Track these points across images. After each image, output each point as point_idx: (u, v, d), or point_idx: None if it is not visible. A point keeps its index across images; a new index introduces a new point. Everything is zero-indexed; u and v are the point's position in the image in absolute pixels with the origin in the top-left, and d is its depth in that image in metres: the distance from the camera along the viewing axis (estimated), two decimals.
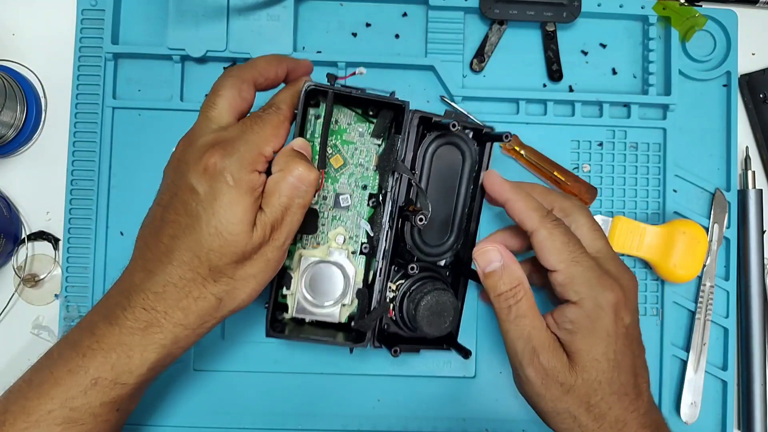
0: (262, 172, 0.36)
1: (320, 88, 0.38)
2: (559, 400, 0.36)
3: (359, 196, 0.42)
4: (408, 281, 0.41)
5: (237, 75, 0.38)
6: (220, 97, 0.37)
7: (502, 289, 0.37)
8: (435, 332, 0.39)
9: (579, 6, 0.49)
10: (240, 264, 0.35)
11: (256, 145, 0.35)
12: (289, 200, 0.35)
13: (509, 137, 0.41)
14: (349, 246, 0.42)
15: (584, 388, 0.36)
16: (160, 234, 0.36)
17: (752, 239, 0.49)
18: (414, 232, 0.42)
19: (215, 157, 0.34)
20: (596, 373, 0.36)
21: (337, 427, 0.48)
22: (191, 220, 0.35)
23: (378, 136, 0.42)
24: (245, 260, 0.35)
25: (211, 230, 0.34)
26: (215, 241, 0.34)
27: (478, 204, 0.43)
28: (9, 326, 0.49)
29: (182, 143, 0.37)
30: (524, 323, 0.37)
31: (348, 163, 0.42)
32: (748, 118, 0.52)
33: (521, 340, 0.37)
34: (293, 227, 0.36)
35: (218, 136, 0.36)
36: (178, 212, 0.35)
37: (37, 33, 0.50)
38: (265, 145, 0.36)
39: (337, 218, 0.42)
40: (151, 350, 0.35)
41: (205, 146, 0.35)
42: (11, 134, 0.48)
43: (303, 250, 0.41)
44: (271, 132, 0.36)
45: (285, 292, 0.41)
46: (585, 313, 0.36)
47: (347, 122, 0.42)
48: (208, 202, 0.34)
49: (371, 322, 0.40)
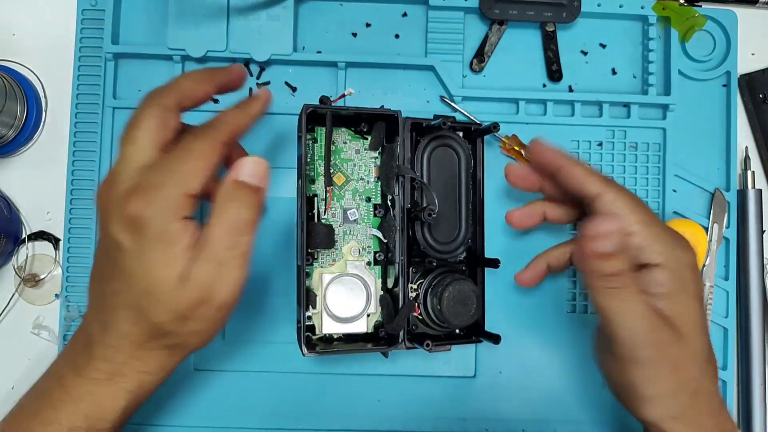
0: (190, 217, 0.33)
1: (319, 110, 0.40)
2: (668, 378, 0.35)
3: (365, 208, 0.44)
4: (428, 278, 0.42)
5: (158, 102, 0.34)
6: (141, 130, 0.34)
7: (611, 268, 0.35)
8: (462, 321, 0.40)
9: (579, 6, 0.49)
10: (182, 321, 0.33)
11: (182, 185, 0.32)
12: (225, 254, 0.32)
13: (497, 127, 0.43)
14: (364, 257, 0.44)
15: (693, 356, 0.35)
16: (104, 287, 0.35)
17: (752, 239, 0.50)
18: (425, 233, 0.43)
19: (137, 206, 0.32)
20: (698, 339, 0.35)
21: (337, 427, 0.48)
22: (124, 277, 0.33)
23: (375, 149, 0.44)
24: (186, 318, 0.33)
25: (141, 289, 0.32)
26: (150, 300, 0.32)
27: (480, 198, 0.45)
28: (9, 326, 0.49)
29: (103, 187, 0.34)
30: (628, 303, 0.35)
31: (350, 179, 0.44)
32: (748, 118, 0.52)
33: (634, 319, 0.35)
34: (235, 283, 0.33)
35: (139, 180, 0.32)
36: (112, 268, 0.33)
37: (37, 33, 0.50)
38: (191, 182, 0.32)
39: (348, 233, 0.44)
40: (120, 397, 0.35)
41: (125, 193, 0.32)
42: (11, 134, 0.48)
43: (321, 268, 0.43)
44: (198, 166, 0.33)
45: (310, 312, 0.42)
46: (674, 275, 0.35)
47: (343, 141, 0.44)
48: (136, 258, 0.32)
49: (401, 321, 0.41)
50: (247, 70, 0.47)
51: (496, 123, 0.43)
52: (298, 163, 0.42)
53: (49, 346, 0.48)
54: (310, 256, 0.42)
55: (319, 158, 0.44)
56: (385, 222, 0.44)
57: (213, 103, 0.48)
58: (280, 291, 0.47)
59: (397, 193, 0.42)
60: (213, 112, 0.48)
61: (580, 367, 0.49)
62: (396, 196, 0.42)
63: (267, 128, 0.48)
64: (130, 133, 0.34)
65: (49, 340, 0.48)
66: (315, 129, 0.44)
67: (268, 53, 0.48)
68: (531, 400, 0.49)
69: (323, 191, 0.43)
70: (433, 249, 0.43)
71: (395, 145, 0.42)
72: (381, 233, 0.43)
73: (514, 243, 0.49)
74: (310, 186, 0.43)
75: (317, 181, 0.43)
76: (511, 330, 0.48)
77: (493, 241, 0.48)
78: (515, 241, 0.49)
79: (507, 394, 0.49)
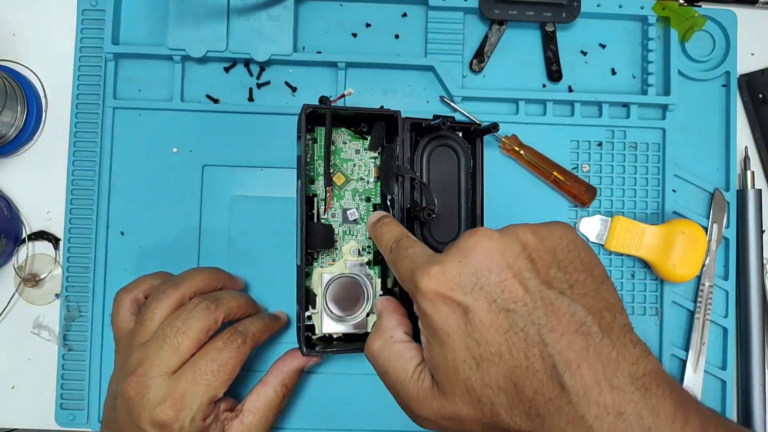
0: (212, 414, 0.38)
1: (319, 110, 0.40)
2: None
3: (365, 208, 0.44)
4: None
5: (207, 314, 0.39)
6: (189, 339, 0.38)
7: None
8: None
9: (578, 6, 0.49)
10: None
11: (209, 395, 0.37)
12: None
13: (497, 128, 0.43)
14: (364, 257, 0.44)
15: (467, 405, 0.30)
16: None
17: (751, 239, 0.50)
18: (425, 233, 0.43)
19: (168, 415, 0.36)
20: (461, 375, 0.30)
21: (337, 427, 0.48)
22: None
23: (375, 149, 0.44)
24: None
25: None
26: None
27: (479, 198, 0.45)
28: (9, 326, 0.49)
29: (133, 386, 0.37)
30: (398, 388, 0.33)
31: (350, 179, 0.44)
32: (747, 118, 0.52)
33: (405, 409, 0.34)
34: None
35: (169, 390, 0.37)
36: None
37: (37, 33, 0.50)
38: (218, 392, 0.37)
39: (348, 233, 0.44)
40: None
41: (157, 402, 0.36)
42: (12, 134, 0.48)
43: (321, 268, 0.43)
44: (224, 379, 0.38)
45: (310, 312, 0.42)
46: (427, 319, 0.31)
47: (342, 141, 0.44)
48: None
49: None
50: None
51: (496, 123, 0.43)
52: (298, 164, 0.42)
53: (49, 346, 0.48)
54: (310, 256, 0.42)
55: (319, 158, 0.44)
56: None
57: (213, 103, 0.49)
58: (279, 291, 0.47)
59: (396, 193, 0.42)
60: (213, 112, 0.48)
61: None
62: (396, 196, 0.42)
63: (267, 128, 0.48)
64: (177, 339, 0.38)
65: (49, 340, 0.48)
66: (315, 129, 0.44)
67: (268, 53, 0.48)
68: None
69: (323, 191, 0.43)
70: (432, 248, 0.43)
71: (395, 145, 0.42)
72: None
73: None
74: (310, 186, 0.43)
75: (317, 181, 0.44)
76: None
77: None
78: None
79: None
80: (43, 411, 0.47)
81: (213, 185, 0.48)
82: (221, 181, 0.48)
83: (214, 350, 0.38)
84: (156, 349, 0.37)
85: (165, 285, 0.40)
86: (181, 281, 0.40)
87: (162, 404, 0.36)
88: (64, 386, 0.47)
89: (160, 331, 0.38)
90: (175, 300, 0.39)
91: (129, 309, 0.41)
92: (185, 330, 0.38)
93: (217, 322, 0.39)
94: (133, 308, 0.42)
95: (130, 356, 0.39)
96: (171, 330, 0.38)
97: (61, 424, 0.47)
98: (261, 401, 0.40)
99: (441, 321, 0.30)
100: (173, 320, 0.38)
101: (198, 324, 0.38)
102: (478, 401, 0.29)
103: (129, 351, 0.39)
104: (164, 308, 0.39)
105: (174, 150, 0.48)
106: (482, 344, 0.29)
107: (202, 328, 0.38)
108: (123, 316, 0.41)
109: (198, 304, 0.39)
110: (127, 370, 0.38)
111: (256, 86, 0.49)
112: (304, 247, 0.41)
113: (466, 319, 0.29)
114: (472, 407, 0.30)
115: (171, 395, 0.36)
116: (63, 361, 0.47)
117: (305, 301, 0.41)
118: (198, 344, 0.38)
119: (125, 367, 0.39)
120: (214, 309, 0.39)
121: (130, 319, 0.41)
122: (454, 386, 0.30)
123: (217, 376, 0.37)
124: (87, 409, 0.47)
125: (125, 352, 0.40)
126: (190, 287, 0.40)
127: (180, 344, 0.37)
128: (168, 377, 0.37)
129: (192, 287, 0.40)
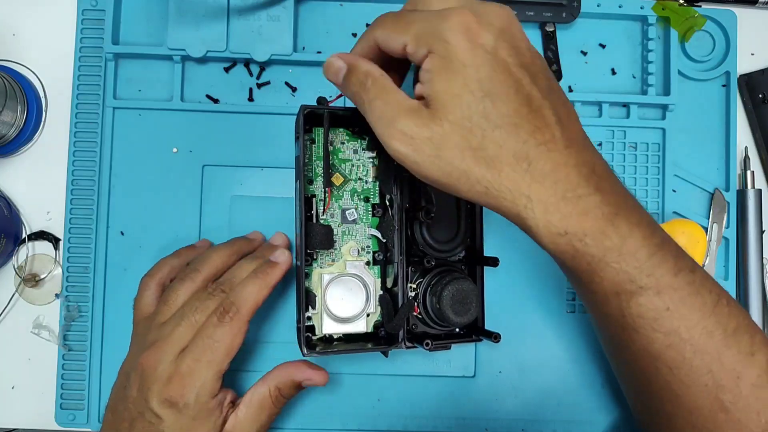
0: (221, 389, 0.39)
1: (317, 111, 0.40)
2: (437, 157, 0.32)
3: (363, 208, 0.44)
4: (427, 277, 0.42)
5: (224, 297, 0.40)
6: (205, 316, 0.39)
7: (354, 88, 0.34)
8: (462, 320, 0.40)
9: (578, 6, 0.49)
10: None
11: (214, 369, 0.38)
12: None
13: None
14: (363, 257, 0.44)
15: (456, 131, 0.31)
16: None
17: (751, 239, 0.50)
18: (424, 232, 0.43)
19: (176, 391, 0.37)
20: (461, 108, 0.31)
21: (337, 426, 0.48)
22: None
23: (374, 149, 0.44)
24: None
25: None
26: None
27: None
28: (9, 326, 0.49)
29: (150, 358, 0.38)
30: (377, 104, 0.33)
31: (348, 179, 0.44)
32: (747, 118, 0.52)
33: (380, 120, 0.33)
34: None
35: (176, 367, 0.38)
36: (149, 428, 0.38)
37: (37, 33, 0.50)
38: (222, 365, 0.38)
39: (347, 233, 0.44)
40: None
41: (166, 378, 0.38)
42: (12, 134, 0.48)
43: (320, 269, 0.43)
44: (226, 352, 0.38)
45: (310, 312, 0.42)
46: (438, 56, 0.31)
47: (341, 141, 0.44)
48: (173, 429, 0.38)
49: (401, 321, 0.41)
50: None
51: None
52: (297, 164, 0.42)
53: (49, 346, 0.48)
54: (309, 256, 0.42)
55: (318, 158, 0.44)
56: (383, 222, 0.44)
57: (213, 103, 0.49)
58: (279, 291, 0.47)
59: (395, 192, 0.42)
60: (213, 112, 0.48)
61: (579, 367, 0.49)
62: (394, 196, 0.42)
63: (267, 128, 0.49)
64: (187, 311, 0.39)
65: (49, 340, 0.48)
66: (312, 130, 0.44)
67: (268, 53, 0.48)
68: (530, 400, 0.49)
69: (321, 191, 0.43)
70: (432, 248, 0.43)
71: None
72: (380, 233, 0.43)
73: (514, 242, 0.49)
74: (309, 186, 0.43)
75: (315, 181, 0.43)
76: (510, 330, 0.48)
77: (493, 240, 0.48)
78: (515, 240, 0.49)
79: (506, 393, 0.49)
80: (43, 411, 0.47)
81: (213, 185, 0.48)
82: (221, 181, 0.48)
83: (210, 326, 0.38)
84: (174, 326, 0.39)
85: (188, 270, 0.42)
86: (201, 265, 0.42)
87: (170, 382, 0.37)
88: (64, 386, 0.47)
89: (180, 311, 0.40)
90: (198, 283, 0.41)
91: (154, 293, 0.43)
92: (203, 309, 0.39)
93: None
94: (157, 292, 0.43)
95: (148, 334, 0.40)
96: (190, 309, 0.39)
97: (61, 424, 0.47)
98: (255, 398, 0.41)
99: (462, 51, 0.31)
100: (193, 300, 0.40)
101: (214, 304, 0.39)
102: (470, 131, 0.31)
103: (148, 330, 0.40)
104: (187, 290, 0.41)
105: (174, 150, 0.48)
106: (495, 82, 0.31)
107: (217, 308, 0.39)
108: (146, 300, 0.43)
109: (215, 288, 0.40)
110: (143, 346, 0.39)
111: (256, 86, 0.49)
112: (303, 247, 0.41)
113: (487, 58, 0.31)
114: (460, 134, 0.31)
115: (177, 371, 0.38)
116: (63, 361, 0.47)
117: (305, 301, 0.41)
118: None
119: (143, 344, 0.40)
120: (226, 292, 0.40)
121: (153, 302, 0.43)
122: (449, 111, 0.31)
123: (216, 352, 0.38)
124: (87, 409, 0.47)
125: (143, 333, 0.41)
126: (210, 269, 0.42)
127: (197, 321, 0.39)
128: (179, 353, 0.38)
129: (213, 269, 0.42)
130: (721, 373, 0.34)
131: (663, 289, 0.34)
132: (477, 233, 0.45)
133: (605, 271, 0.33)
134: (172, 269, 0.44)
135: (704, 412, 0.35)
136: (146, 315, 0.42)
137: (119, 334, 0.47)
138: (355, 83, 0.34)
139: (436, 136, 0.31)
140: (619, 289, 0.34)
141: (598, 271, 0.34)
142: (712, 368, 0.34)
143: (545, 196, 0.32)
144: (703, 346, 0.34)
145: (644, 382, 0.38)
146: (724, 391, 0.35)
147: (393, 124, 0.32)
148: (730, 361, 0.34)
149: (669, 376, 0.35)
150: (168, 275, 0.44)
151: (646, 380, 0.37)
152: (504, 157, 0.31)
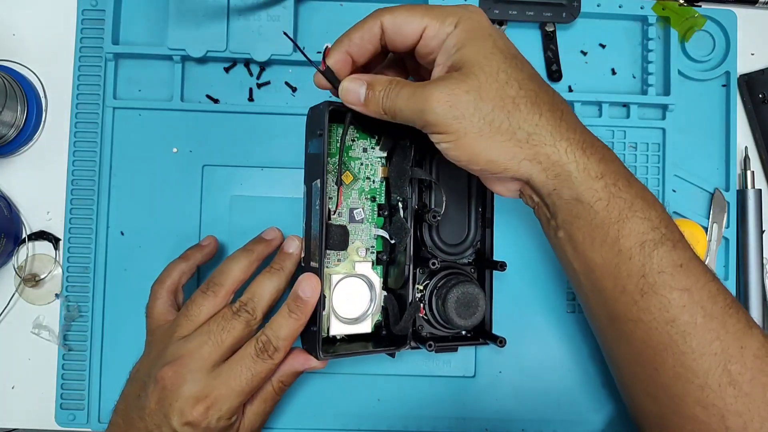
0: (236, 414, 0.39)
1: (340, 109, 0.39)
2: (476, 108, 0.33)
3: (370, 208, 0.43)
4: (434, 279, 0.42)
5: (249, 320, 0.40)
6: (232, 337, 0.39)
7: (383, 102, 0.36)
8: (467, 323, 0.40)
9: (578, 6, 0.49)
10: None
11: (240, 400, 0.38)
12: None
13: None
14: (369, 257, 0.43)
15: (492, 82, 0.34)
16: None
17: (751, 239, 0.50)
18: (433, 234, 0.43)
19: (200, 412, 0.37)
20: (495, 63, 0.34)
21: (337, 426, 0.48)
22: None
23: (386, 149, 0.43)
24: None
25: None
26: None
27: (490, 199, 0.45)
28: (9, 326, 0.49)
29: (172, 373, 0.38)
30: (413, 95, 0.35)
31: (357, 178, 0.43)
32: (747, 118, 0.52)
33: (418, 102, 0.34)
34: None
35: (205, 387, 0.38)
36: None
37: (37, 33, 0.50)
38: (251, 394, 0.39)
39: (353, 232, 0.43)
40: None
41: (192, 399, 0.37)
42: (12, 134, 0.48)
43: (327, 269, 0.42)
44: (254, 386, 0.39)
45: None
46: (465, 29, 0.35)
47: (351, 138, 0.43)
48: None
49: (407, 323, 0.41)
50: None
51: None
52: (313, 163, 0.41)
53: (49, 346, 0.48)
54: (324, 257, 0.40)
55: (331, 156, 0.42)
56: (391, 223, 0.43)
57: (213, 103, 0.49)
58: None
59: (410, 195, 0.42)
60: (213, 112, 0.48)
61: (579, 367, 0.49)
62: (408, 199, 0.42)
63: (267, 128, 0.48)
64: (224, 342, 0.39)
65: (49, 340, 0.48)
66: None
67: (268, 53, 0.48)
68: (530, 400, 0.49)
69: (332, 190, 0.42)
70: (441, 250, 0.43)
71: (408, 144, 0.41)
72: (387, 234, 0.43)
73: (514, 242, 0.49)
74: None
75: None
76: (510, 330, 0.48)
77: (504, 244, 0.47)
78: (515, 240, 0.49)
79: (507, 394, 0.49)
80: (43, 411, 0.47)
81: (213, 185, 0.48)
82: (221, 181, 0.48)
83: (249, 358, 0.39)
84: (199, 344, 0.38)
85: (210, 284, 0.41)
86: (223, 279, 0.41)
87: (196, 403, 0.37)
88: (64, 386, 0.47)
89: (206, 327, 0.39)
90: (220, 298, 0.41)
91: (167, 301, 0.43)
92: (230, 329, 0.39)
93: (256, 326, 0.41)
94: (169, 299, 0.43)
95: (168, 347, 0.39)
96: (216, 327, 0.39)
97: (61, 424, 0.47)
98: (260, 395, 0.41)
99: (488, 24, 0.36)
100: (219, 319, 0.40)
101: (240, 326, 0.39)
102: (506, 82, 0.34)
103: (168, 342, 0.40)
104: (211, 305, 0.40)
105: (174, 150, 0.48)
106: (514, 51, 0.36)
107: (243, 330, 0.39)
108: (160, 309, 0.42)
109: (240, 309, 0.40)
110: (164, 359, 0.39)
111: (256, 86, 0.49)
112: (323, 249, 0.39)
113: (502, 34, 0.36)
114: (497, 85, 0.34)
115: (205, 393, 0.37)
116: (63, 361, 0.47)
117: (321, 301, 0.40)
118: (240, 342, 0.39)
119: (162, 356, 0.39)
120: (252, 313, 0.40)
121: (167, 310, 0.42)
122: (484, 66, 0.34)
123: (250, 384, 0.38)
124: (87, 409, 0.47)
125: (162, 343, 0.40)
126: (232, 284, 0.41)
127: (224, 342, 0.39)
128: (207, 373, 0.38)
129: (234, 283, 0.42)
130: (727, 341, 0.35)
131: (677, 243, 0.36)
132: (487, 236, 0.44)
133: (632, 221, 0.35)
134: (182, 274, 0.44)
135: (713, 387, 0.36)
136: (161, 324, 0.42)
137: (119, 334, 0.47)
138: (380, 96, 0.36)
139: (473, 88, 0.33)
140: (645, 239, 0.35)
141: (626, 221, 0.35)
142: (719, 335, 0.35)
143: (581, 141, 0.35)
144: (711, 309, 0.35)
145: (651, 370, 0.37)
146: (732, 360, 0.35)
147: (431, 95, 0.34)
148: (733, 329, 0.36)
149: (683, 345, 0.36)
150: (179, 280, 0.43)
151: (654, 367, 0.37)
152: (543, 104, 0.35)
